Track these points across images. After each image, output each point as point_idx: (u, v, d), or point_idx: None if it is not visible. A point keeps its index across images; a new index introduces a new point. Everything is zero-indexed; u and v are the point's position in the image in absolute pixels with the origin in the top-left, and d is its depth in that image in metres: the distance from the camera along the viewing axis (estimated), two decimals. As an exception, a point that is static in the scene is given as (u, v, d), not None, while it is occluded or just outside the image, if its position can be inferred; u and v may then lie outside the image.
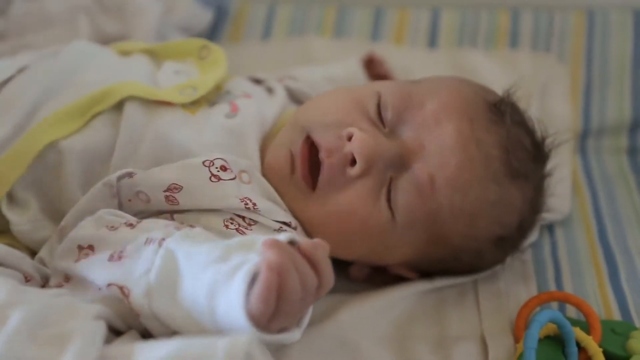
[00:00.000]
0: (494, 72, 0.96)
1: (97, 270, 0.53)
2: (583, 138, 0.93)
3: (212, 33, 1.06)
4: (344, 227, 0.61)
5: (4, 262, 0.55)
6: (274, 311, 0.47)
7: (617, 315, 0.66)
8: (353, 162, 0.59)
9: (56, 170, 0.61)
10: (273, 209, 0.61)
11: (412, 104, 0.63)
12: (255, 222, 0.60)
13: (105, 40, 0.86)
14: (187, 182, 0.59)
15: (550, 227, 0.78)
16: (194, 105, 0.66)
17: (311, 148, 0.62)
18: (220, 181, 0.59)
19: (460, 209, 0.62)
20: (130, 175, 0.59)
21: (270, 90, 0.72)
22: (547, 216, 0.76)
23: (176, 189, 0.59)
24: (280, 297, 0.47)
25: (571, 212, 0.80)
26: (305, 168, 0.61)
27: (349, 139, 0.60)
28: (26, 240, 0.62)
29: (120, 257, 0.52)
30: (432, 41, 1.03)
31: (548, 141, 0.70)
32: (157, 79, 0.69)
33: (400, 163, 0.61)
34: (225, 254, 0.49)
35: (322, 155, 0.60)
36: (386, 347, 0.61)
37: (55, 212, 0.62)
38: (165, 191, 0.59)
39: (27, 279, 0.55)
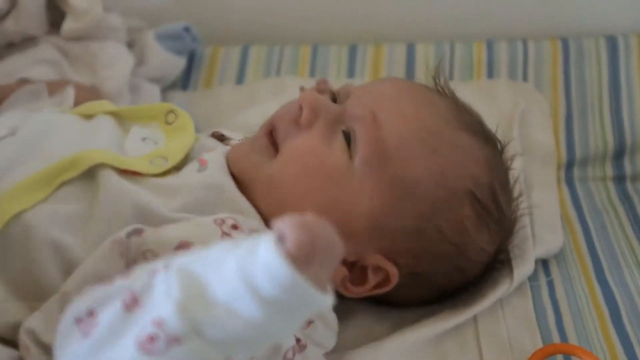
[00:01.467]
0: (473, 101, 0.95)
1: (120, 330, 0.45)
2: (567, 168, 0.92)
3: (185, 80, 1.04)
4: (302, 167, 0.62)
5: None
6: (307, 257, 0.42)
7: (621, 356, 0.65)
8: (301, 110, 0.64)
9: (23, 244, 0.57)
10: None
11: (352, 88, 0.69)
12: None
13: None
14: (198, 239, 0.56)
15: (545, 264, 0.77)
16: (162, 173, 0.65)
17: (266, 130, 0.67)
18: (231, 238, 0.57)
19: (415, 142, 0.63)
20: (139, 232, 0.56)
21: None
22: (540, 252, 0.75)
23: (187, 246, 0.56)
24: (311, 242, 0.42)
25: (564, 248, 0.79)
26: (269, 137, 0.66)
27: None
28: None
29: (135, 300, 0.45)
30: (409, 75, 1.02)
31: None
32: (123, 145, 0.67)
33: (346, 118, 0.65)
34: (236, 244, 0.45)
35: (276, 122, 0.66)
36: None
37: (25, 290, 0.57)
38: (175, 249, 0.56)
39: None
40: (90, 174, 0.61)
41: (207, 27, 1.07)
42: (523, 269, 0.72)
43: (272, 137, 0.66)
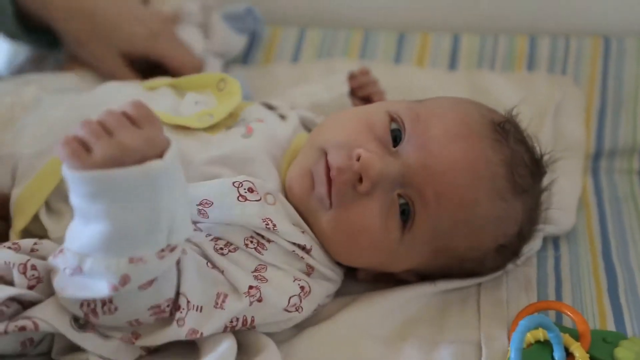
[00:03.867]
0: (510, 93, 1.00)
1: None
2: (595, 159, 0.96)
3: (247, 57, 1.14)
4: (354, 242, 0.66)
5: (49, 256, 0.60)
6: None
7: (611, 327, 0.69)
8: (361, 180, 0.65)
9: None
10: (292, 232, 0.66)
11: (419, 124, 0.68)
12: (272, 241, 0.65)
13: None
14: (217, 199, 0.65)
15: (555, 242, 0.82)
16: (212, 129, 0.73)
17: (327, 169, 0.67)
18: (247, 201, 0.65)
19: (467, 225, 0.67)
20: None
21: (283, 117, 0.78)
22: (551, 229, 0.80)
23: (207, 204, 0.65)
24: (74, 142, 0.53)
25: (578, 229, 0.83)
26: (327, 186, 0.66)
27: (358, 159, 0.65)
28: None
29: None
30: (452, 64, 1.08)
31: (546, 157, 0.74)
32: (179, 108, 0.76)
33: (404, 182, 0.66)
34: None
35: (333, 173, 0.66)
36: (385, 345, 0.65)
37: None
38: (198, 205, 0.65)
39: None
40: None
41: (269, 9, 1.16)
42: (531, 245, 0.77)
43: (330, 188, 0.66)
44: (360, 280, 0.73)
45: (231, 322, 0.62)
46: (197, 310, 0.59)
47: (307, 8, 1.18)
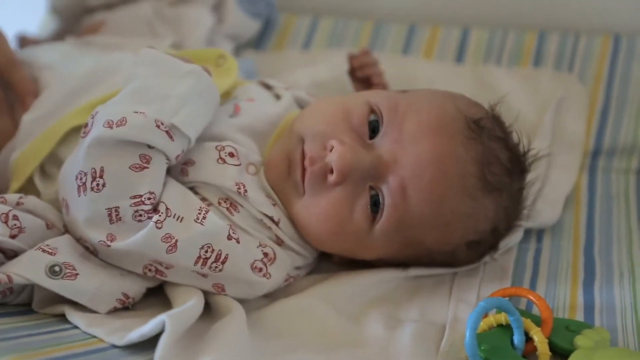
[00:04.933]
0: (513, 88, 1.00)
1: None
2: (594, 157, 0.96)
3: (260, 41, 1.17)
4: (323, 228, 0.68)
5: (33, 211, 0.65)
6: None
7: (580, 318, 0.69)
8: (332, 171, 0.67)
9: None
10: (262, 201, 0.68)
11: (396, 117, 0.69)
12: (242, 207, 0.68)
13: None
14: (199, 159, 0.68)
15: (540, 234, 0.82)
16: None
17: (303, 157, 0.69)
18: (225, 164, 0.68)
19: (433, 219, 0.68)
20: None
21: (278, 97, 0.80)
22: (533, 222, 0.80)
23: (190, 163, 0.68)
24: None
25: (564, 223, 0.84)
26: (302, 173, 0.69)
27: (331, 150, 0.67)
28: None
29: None
30: (459, 57, 1.09)
31: (532, 153, 0.74)
32: None
33: (376, 174, 0.67)
34: None
35: (306, 163, 0.68)
36: (351, 319, 0.67)
37: None
38: (182, 164, 0.69)
39: (49, 227, 0.66)
40: None
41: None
42: (510, 237, 0.78)
43: (303, 175, 0.68)
44: (336, 263, 0.75)
45: (206, 251, 0.63)
46: (177, 219, 0.63)
47: (321, -2, 1.20)
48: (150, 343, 0.58)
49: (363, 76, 0.92)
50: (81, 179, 0.62)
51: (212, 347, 0.57)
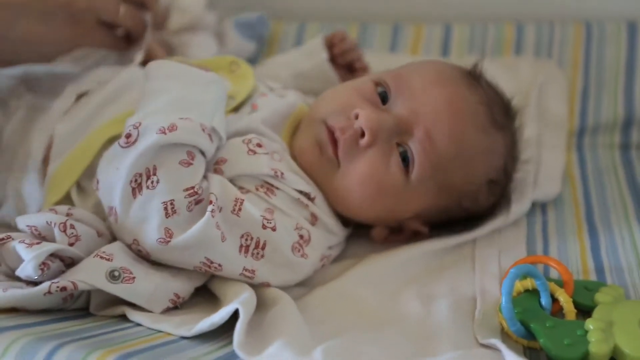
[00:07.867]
0: (497, 76, 1.06)
1: None
2: (580, 135, 1.03)
3: (255, 59, 1.20)
4: (364, 190, 0.75)
5: (82, 220, 0.68)
6: None
7: (593, 278, 0.76)
8: (362, 135, 0.74)
9: None
10: (297, 180, 0.74)
11: (401, 81, 0.78)
12: (279, 189, 0.72)
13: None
14: (230, 156, 0.73)
15: (543, 208, 0.89)
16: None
17: (330, 134, 0.76)
18: (256, 154, 0.73)
19: (460, 158, 0.76)
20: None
21: (281, 96, 0.84)
22: (539, 194, 0.87)
23: (222, 161, 0.73)
24: None
25: (564, 197, 0.91)
26: (334, 147, 0.75)
27: (356, 117, 0.75)
28: None
29: None
30: (445, 52, 1.15)
31: (514, 101, 0.84)
32: None
33: (401, 130, 0.75)
34: None
35: (337, 134, 0.75)
36: (387, 297, 0.72)
37: None
38: (215, 164, 0.73)
39: (99, 235, 0.69)
40: None
41: (271, 5, 1.23)
42: (520, 206, 0.84)
43: (335, 148, 0.75)
44: (374, 238, 0.80)
45: (246, 239, 0.68)
46: (219, 210, 0.67)
47: (307, 3, 1.25)
48: (212, 334, 0.62)
49: (346, 63, 0.97)
50: (136, 180, 0.65)
51: (279, 330, 0.60)
